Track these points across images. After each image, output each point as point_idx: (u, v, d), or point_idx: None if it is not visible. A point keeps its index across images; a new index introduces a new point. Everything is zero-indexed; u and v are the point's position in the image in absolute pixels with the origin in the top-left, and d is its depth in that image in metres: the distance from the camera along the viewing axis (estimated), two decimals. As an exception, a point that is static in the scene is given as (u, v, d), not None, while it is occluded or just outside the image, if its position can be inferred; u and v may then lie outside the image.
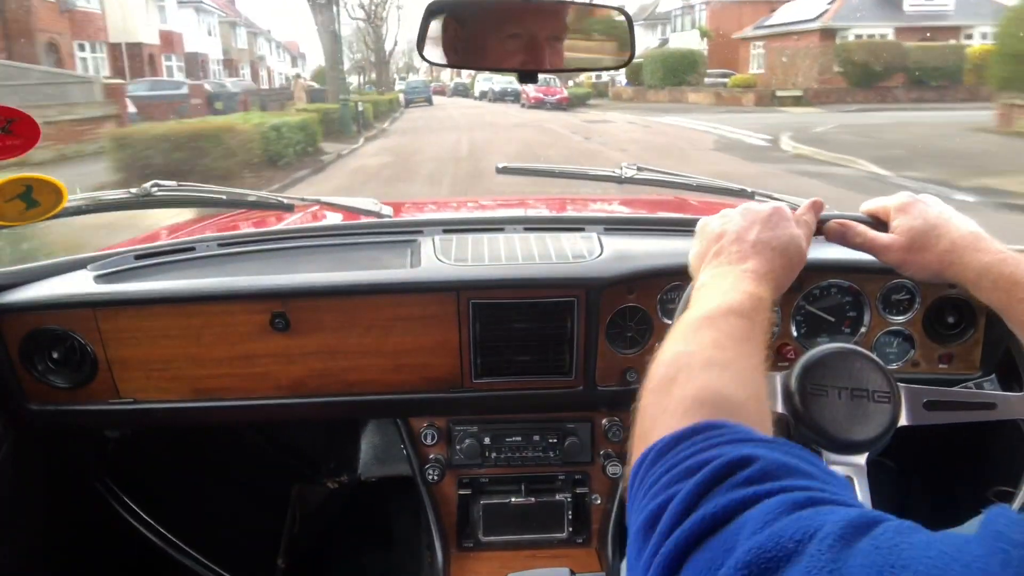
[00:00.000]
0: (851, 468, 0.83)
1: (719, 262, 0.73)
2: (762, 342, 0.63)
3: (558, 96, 26.97)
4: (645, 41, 41.85)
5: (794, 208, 0.83)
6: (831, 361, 0.84)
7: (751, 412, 0.53)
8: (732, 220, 0.77)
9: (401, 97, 33.36)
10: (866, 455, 0.84)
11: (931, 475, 1.51)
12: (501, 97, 32.65)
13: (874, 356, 0.86)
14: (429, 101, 34.22)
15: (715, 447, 0.46)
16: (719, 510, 0.41)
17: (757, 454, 0.44)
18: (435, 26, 1.05)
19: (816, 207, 0.83)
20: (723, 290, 0.67)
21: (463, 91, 46.96)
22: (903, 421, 0.85)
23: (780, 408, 0.84)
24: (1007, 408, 0.92)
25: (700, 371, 0.55)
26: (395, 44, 48.85)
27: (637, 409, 0.56)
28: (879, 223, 0.85)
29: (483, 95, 36.65)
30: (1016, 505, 0.86)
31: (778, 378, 0.85)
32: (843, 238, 0.85)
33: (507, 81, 31.31)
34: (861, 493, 0.82)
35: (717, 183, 1.52)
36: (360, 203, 1.52)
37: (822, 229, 0.86)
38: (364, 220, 1.48)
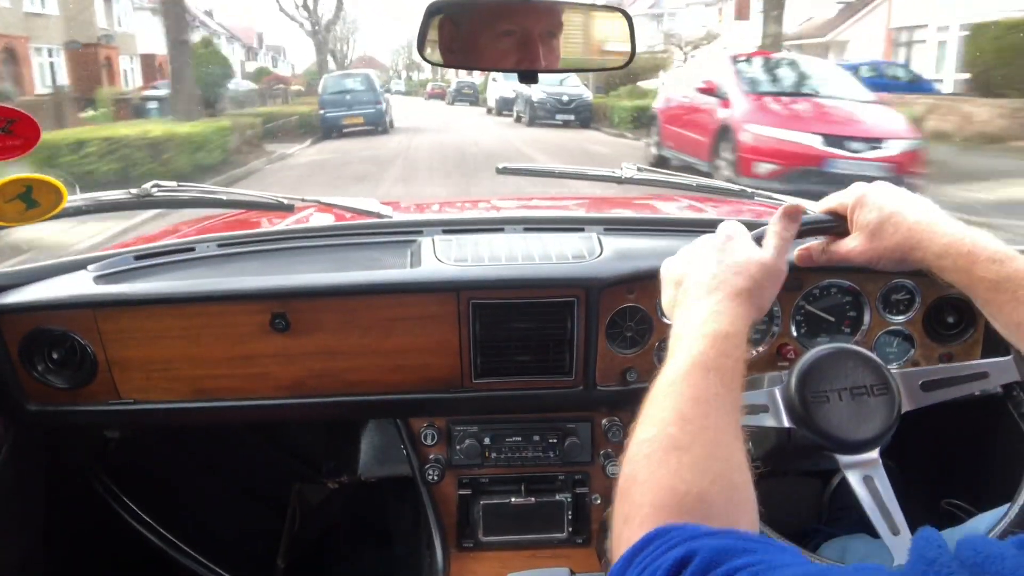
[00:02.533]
0: (867, 466, 0.84)
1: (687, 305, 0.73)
2: (735, 385, 0.64)
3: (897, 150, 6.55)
4: (824, 10, 23.09)
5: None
6: (825, 365, 0.85)
7: (713, 497, 0.54)
8: (689, 260, 0.77)
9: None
10: (878, 449, 0.84)
11: (933, 476, 1.51)
12: (551, 115, 16.49)
13: (864, 350, 0.87)
14: (380, 124, 16.14)
15: (661, 555, 0.47)
16: None
17: (696, 548, 0.45)
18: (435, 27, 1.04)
19: (788, 214, 0.80)
20: (689, 339, 0.67)
21: (471, 96, 29.97)
22: (905, 407, 0.86)
23: (785, 422, 0.84)
24: (999, 374, 0.94)
25: (660, 464, 0.56)
26: (340, 11, 29.75)
27: (611, 512, 0.57)
28: (840, 219, 0.85)
29: (504, 104, 20.58)
30: (1015, 509, 0.87)
31: (777, 392, 0.86)
32: (811, 260, 0.86)
33: (557, 80, 15.77)
34: (881, 487, 0.83)
35: (716, 184, 1.53)
36: (360, 203, 1.52)
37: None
38: (364, 220, 1.48)
